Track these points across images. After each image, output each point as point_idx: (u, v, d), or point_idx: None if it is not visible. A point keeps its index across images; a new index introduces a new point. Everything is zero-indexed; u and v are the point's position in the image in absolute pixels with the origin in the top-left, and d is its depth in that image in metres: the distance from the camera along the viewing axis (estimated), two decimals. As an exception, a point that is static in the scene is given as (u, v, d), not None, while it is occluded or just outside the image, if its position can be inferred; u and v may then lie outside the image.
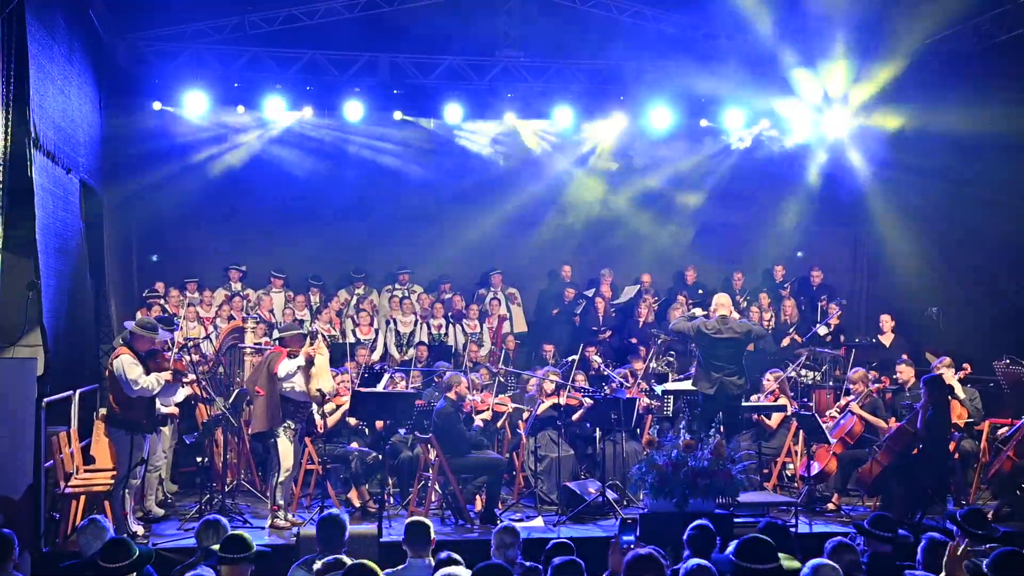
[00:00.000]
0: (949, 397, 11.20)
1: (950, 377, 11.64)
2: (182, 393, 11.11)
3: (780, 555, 5.80)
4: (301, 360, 10.31)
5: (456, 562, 6.44)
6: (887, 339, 14.23)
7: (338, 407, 11.44)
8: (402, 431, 11.76)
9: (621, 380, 12.23)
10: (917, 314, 14.80)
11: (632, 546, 6.65)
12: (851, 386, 11.91)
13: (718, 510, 9.73)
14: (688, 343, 12.59)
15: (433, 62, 15.13)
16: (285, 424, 10.39)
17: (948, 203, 14.67)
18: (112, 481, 9.95)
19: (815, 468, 11.39)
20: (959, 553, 6.72)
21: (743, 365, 11.61)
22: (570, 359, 12.60)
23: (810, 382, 13.73)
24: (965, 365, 12.06)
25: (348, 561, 6.20)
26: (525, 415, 12.16)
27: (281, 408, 10.35)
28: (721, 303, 11.67)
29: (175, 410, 11.12)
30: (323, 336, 13.92)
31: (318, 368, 10.41)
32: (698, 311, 12.01)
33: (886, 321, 14.32)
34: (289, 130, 15.49)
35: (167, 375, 9.93)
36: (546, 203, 16.57)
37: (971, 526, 6.90)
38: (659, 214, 16.87)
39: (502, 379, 12.98)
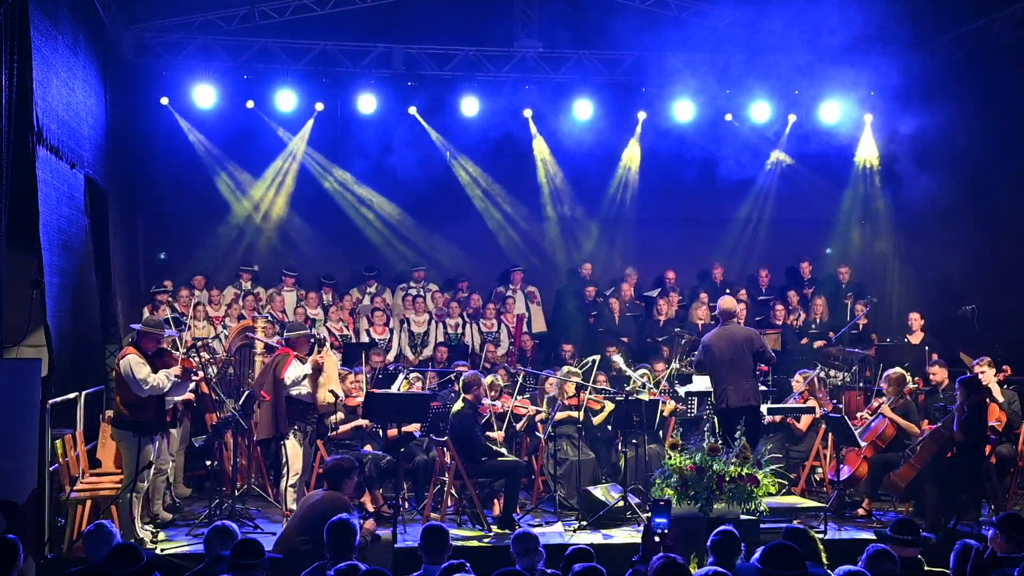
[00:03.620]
0: (987, 400, 10.86)
1: (990, 378, 11.29)
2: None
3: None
4: (308, 368, 10.09)
5: (464, 568, 6.19)
6: (916, 338, 13.89)
7: (349, 408, 11.19)
8: (417, 434, 11.53)
9: (643, 381, 11.95)
10: (951, 312, 14.44)
11: (665, 530, 6.48)
12: (883, 386, 11.57)
13: (743, 515, 9.46)
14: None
15: (448, 53, 14.93)
16: (294, 428, 10.14)
17: (982, 197, 14.37)
18: (119, 485, 9.82)
19: (845, 472, 11.11)
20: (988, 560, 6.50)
21: (746, 374, 10.97)
22: (591, 360, 12.32)
23: (839, 383, 13.41)
24: (1005, 367, 11.68)
25: (362, 567, 6.05)
26: (540, 416, 11.89)
27: (289, 411, 10.13)
28: (724, 307, 11.31)
29: (191, 396, 10.86)
30: (333, 335, 13.74)
31: (327, 377, 10.24)
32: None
33: (915, 320, 13.97)
34: (299, 123, 15.21)
35: (176, 370, 9.74)
36: (569, 198, 16.30)
37: (1008, 530, 6.72)
38: (684, 209, 16.57)
39: (520, 380, 12.71)
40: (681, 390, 12.38)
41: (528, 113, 15.45)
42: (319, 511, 7.55)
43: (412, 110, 15.32)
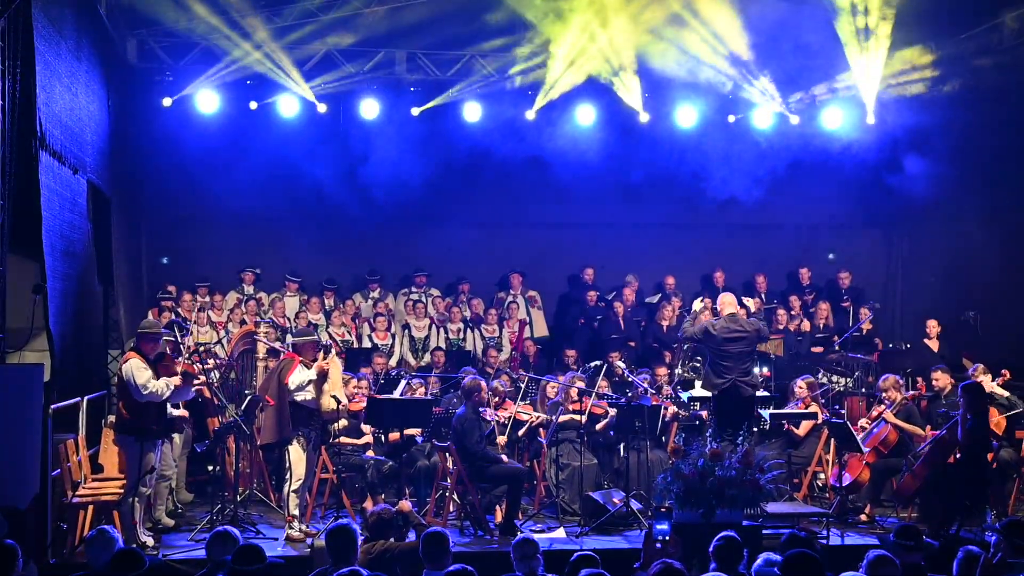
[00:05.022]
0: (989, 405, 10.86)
1: (987, 384, 11.28)
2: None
3: None
4: (313, 374, 10.09)
5: (468, 574, 6.14)
6: (934, 345, 13.85)
7: (352, 413, 11.18)
8: (419, 439, 11.52)
9: (646, 387, 11.94)
10: (953, 318, 14.44)
11: (666, 537, 6.46)
12: (883, 394, 11.57)
13: (746, 521, 9.45)
14: (697, 346, 12.24)
15: (452, 57, 14.90)
16: (298, 433, 10.13)
17: (987, 201, 14.38)
18: (121, 490, 9.79)
19: (847, 478, 11.09)
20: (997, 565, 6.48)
21: (750, 366, 11.43)
22: (593, 364, 12.33)
23: (841, 388, 13.39)
24: (1004, 371, 11.68)
25: (364, 573, 6.03)
26: (537, 420, 11.87)
27: (293, 416, 10.11)
28: (727, 302, 11.51)
29: (185, 412, 10.87)
30: (334, 340, 13.75)
31: (331, 383, 10.23)
32: (697, 304, 11.95)
33: (933, 327, 13.91)
34: (302, 127, 15.19)
35: (176, 380, 9.72)
36: (568, 202, 16.28)
37: (1012, 536, 6.68)
38: (685, 214, 16.57)
39: (522, 385, 12.71)
40: (685, 395, 12.42)
41: (530, 116, 15.41)
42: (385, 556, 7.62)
43: (415, 111, 15.31)
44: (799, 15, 13.20)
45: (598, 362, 12.32)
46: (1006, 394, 11.37)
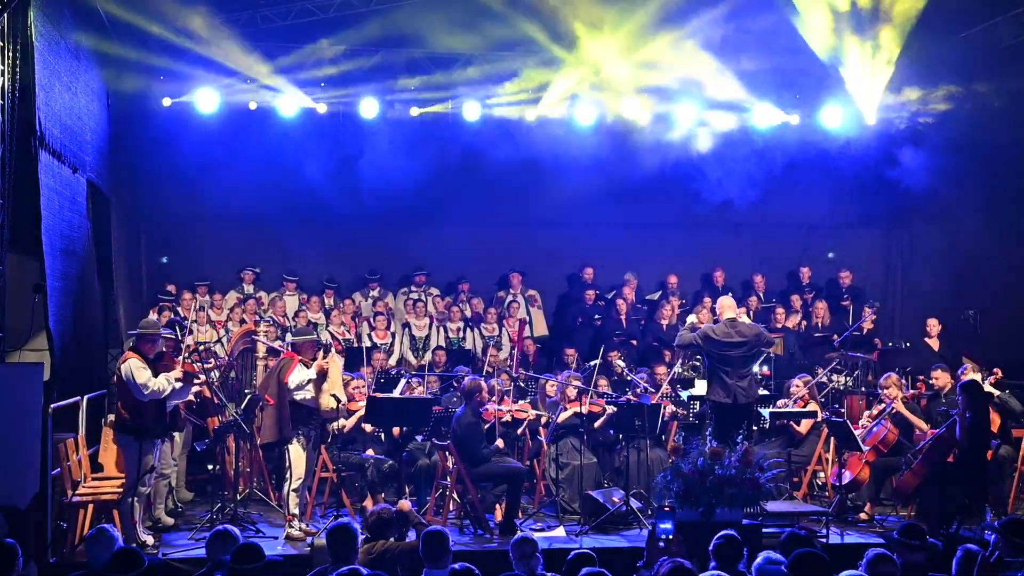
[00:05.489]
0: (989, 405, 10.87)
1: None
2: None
3: None
4: (313, 373, 10.09)
5: (471, 573, 6.17)
6: (934, 343, 13.84)
7: (351, 413, 11.19)
8: (419, 438, 11.54)
9: (645, 386, 11.94)
10: (953, 317, 14.43)
11: (669, 536, 6.44)
12: (883, 391, 11.57)
13: (746, 520, 9.45)
14: (697, 353, 11.99)
15: (452, 57, 14.90)
16: (298, 432, 10.14)
17: (987, 200, 14.40)
18: (121, 489, 9.80)
19: (847, 477, 11.10)
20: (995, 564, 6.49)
21: (750, 371, 11.30)
22: (592, 363, 12.33)
23: (841, 387, 13.38)
24: (996, 370, 11.66)
25: (364, 572, 6.02)
26: (544, 420, 11.88)
27: (293, 415, 10.12)
28: (726, 305, 11.36)
29: (191, 397, 10.83)
30: (336, 339, 13.76)
31: (331, 382, 10.24)
32: (691, 318, 11.80)
33: (933, 325, 13.90)
34: (302, 127, 15.19)
35: (177, 372, 9.73)
36: (568, 202, 16.26)
37: (1011, 535, 6.69)
38: (684, 213, 16.57)
39: (522, 384, 12.70)
40: (684, 394, 12.41)
41: (531, 116, 15.42)
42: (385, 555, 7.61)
43: (415, 111, 15.31)
44: (796, 37, 13.25)
45: (596, 361, 12.30)
46: (998, 393, 11.37)
